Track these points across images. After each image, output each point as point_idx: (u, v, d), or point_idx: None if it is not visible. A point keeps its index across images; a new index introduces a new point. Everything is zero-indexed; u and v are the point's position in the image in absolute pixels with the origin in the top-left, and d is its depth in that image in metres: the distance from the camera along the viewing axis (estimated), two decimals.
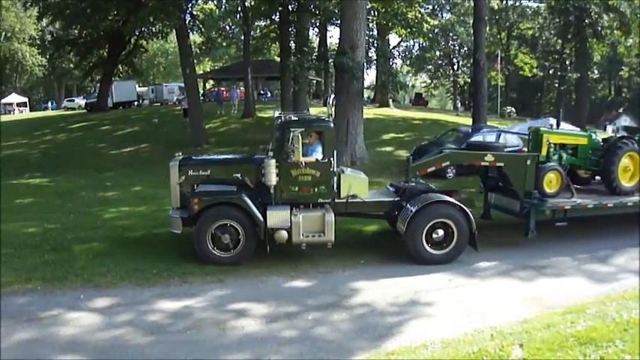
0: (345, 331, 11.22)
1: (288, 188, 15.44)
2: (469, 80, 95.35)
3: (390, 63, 66.20)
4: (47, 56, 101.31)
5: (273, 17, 51.98)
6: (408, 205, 15.82)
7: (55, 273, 14.70)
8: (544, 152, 17.89)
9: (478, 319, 11.49)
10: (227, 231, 15.21)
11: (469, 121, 44.36)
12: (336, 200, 15.91)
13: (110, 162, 41.68)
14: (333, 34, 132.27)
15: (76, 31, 68.02)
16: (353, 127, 31.76)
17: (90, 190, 17.84)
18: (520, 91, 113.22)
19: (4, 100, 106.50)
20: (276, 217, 15.13)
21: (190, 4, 49.22)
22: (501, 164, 17.08)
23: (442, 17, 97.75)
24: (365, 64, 34.99)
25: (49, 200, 25.08)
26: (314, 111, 55.40)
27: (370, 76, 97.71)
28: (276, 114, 16.96)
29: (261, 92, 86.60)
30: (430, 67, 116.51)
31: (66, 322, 11.87)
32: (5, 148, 49.16)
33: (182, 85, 67.76)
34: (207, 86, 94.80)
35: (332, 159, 15.57)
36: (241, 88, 70.16)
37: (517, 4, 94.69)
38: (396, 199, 16.52)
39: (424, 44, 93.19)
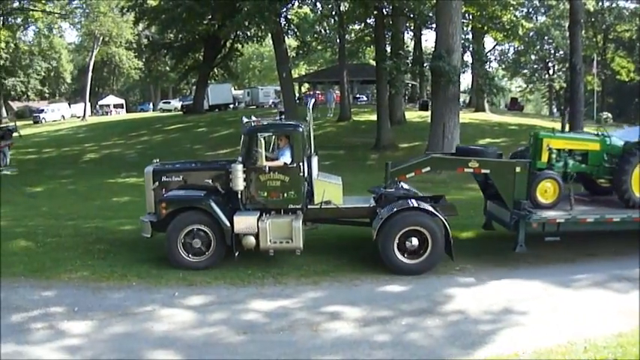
0: (437, 338, 11.11)
1: (257, 193, 15.43)
2: (565, 85, 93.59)
3: (487, 67, 65.76)
4: (143, 59, 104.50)
5: (368, 21, 51.93)
6: (379, 212, 15.38)
7: (151, 270, 15.16)
8: (544, 158, 16.70)
9: (572, 331, 11.22)
10: (197, 236, 15.18)
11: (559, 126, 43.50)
12: (309, 206, 15.83)
13: None
14: (428, 38, 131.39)
15: (171, 35, 69.51)
16: (449, 131, 31.54)
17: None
18: (617, 96, 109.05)
19: (101, 102, 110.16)
20: (243, 222, 15.03)
21: (285, 9, 49.57)
22: (487, 171, 16.24)
23: (537, 20, 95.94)
24: (461, 67, 34.63)
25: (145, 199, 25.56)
26: (409, 115, 55.81)
27: (466, 80, 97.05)
28: (244, 120, 16.76)
29: (357, 96, 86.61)
30: (525, 71, 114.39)
31: (160, 318, 12.23)
32: (103, 148, 51.04)
33: (278, 88, 68.28)
34: (303, 89, 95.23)
35: (301, 164, 15.39)
36: (337, 92, 70.38)
37: (614, 5, 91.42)
38: (372, 204, 16.22)
39: (519, 48, 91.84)
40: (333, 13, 47.65)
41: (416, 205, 15.21)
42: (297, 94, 66.42)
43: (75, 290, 14.02)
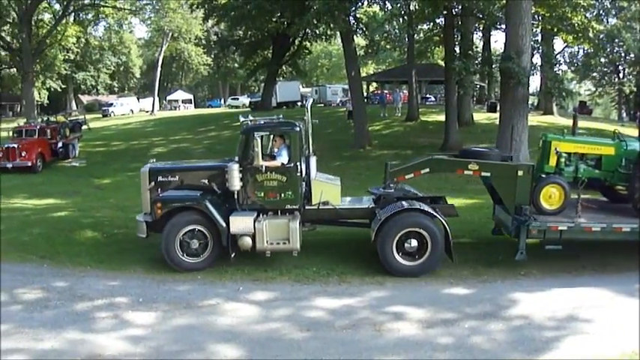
0: (500, 342, 11.09)
1: (254, 194, 15.46)
2: (635, 89, 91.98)
3: (557, 69, 64.90)
4: (212, 56, 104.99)
5: (437, 20, 51.63)
6: (378, 213, 15.27)
7: (216, 265, 15.46)
8: (552, 162, 16.17)
9: (637, 341, 10.98)
10: (194, 237, 15.22)
11: (635, 132, 42.86)
12: (307, 207, 15.80)
13: None
14: (498, 39, 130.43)
15: (240, 32, 69.80)
16: (517, 134, 31.11)
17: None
18: None
19: (170, 97, 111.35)
20: (239, 223, 15.03)
21: (354, 7, 49.54)
22: (487, 174, 15.94)
23: (607, 22, 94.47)
24: (530, 69, 34.20)
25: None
26: (477, 117, 55.40)
27: (534, 82, 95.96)
28: (242, 119, 16.56)
29: (425, 96, 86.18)
30: (595, 74, 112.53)
31: (224, 312, 12.54)
32: (171, 142, 51.71)
33: (345, 86, 68.19)
34: (371, 88, 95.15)
35: (299, 164, 15.37)
36: (404, 92, 70.14)
37: None
38: (370, 205, 16.12)
39: (589, 50, 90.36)
40: (402, 12, 47.56)
41: (415, 206, 15.16)
42: (365, 93, 66.35)
43: (140, 282, 14.58)
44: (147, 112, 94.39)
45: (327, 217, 16.19)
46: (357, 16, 55.55)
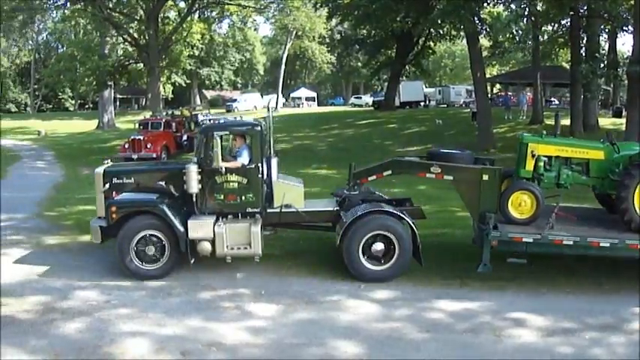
0: (621, 355, 10.76)
1: (213, 196, 14.65)
2: None
3: None
4: (335, 54, 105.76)
5: (563, 22, 50.93)
6: (343, 216, 14.63)
7: (335, 263, 15.12)
8: (529, 166, 14.62)
9: None
10: (150, 242, 14.35)
11: None
12: (269, 210, 15.08)
13: None
14: (625, 41, 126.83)
15: (364, 31, 70.07)
16: None
17: (373, 185, 18.31)
18: None
19: (293, 94, 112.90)
20: (198, 227, 14.26)
21: (477, 7, 49.25)
22: (449, 177, 14.90)
23: None
24: None
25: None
26: (602, 121, 54.23)
27: None
28: (201, 118, 15.96)
29: (549, 99, 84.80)
30: None
31: (345, 309, 12.62)
32: (294, 139, 52.78)
33: (469, 87, 67.80)
34: (494, 90, 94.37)
35: (260, 165, 14.65)
36: (529, 94, 69.37)
37: None
38: (335, 208, 15.37)
39: None
40: (527, 13, 47.00)
41: (382, 208, 14.65)
42: (489, 94, 65.87)
43: (262, 274, 14.73)
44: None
45: (289, 220, 15.50)
46: (482, 16, 55.33)
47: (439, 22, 45.93)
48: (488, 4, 50.16)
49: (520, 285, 14.14)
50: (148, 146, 39.35)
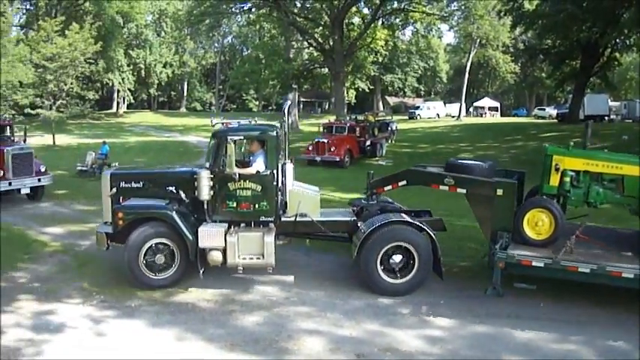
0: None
1: (226, 204, 14.04)
2: None
3: None
4: (519, 64, 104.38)
5: None
6: (361, 226, 14.04)
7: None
8: (553, 182, 13.55)
9: None
10: (159, 251, 13.89)
11: None
12: (283, 219, 14.42)
13: None
14: None
15: (549, 41, 69.14)
16: None
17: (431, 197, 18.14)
18: None
19: (476, 103, 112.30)
20: (209, 235, 13.62)
21: None
22: (463, 191, 14.05)
23: None
24: None
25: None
26: None
27: None
28: (214, 121, 14.85)
29: None
30: None
31: (521, 326, 12.15)
32: (477, 149, 52.81)
33: None
34: None
35: (275, 171, 14.02)
36: None
37: None
38: (352, 218, 14.76)
39: None
40: None
41: (402, 218, 13.99)
42: None
43: (439, 287, 14.04)
44: (453, 117, 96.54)
45: (304, 230, 14.86)
46: None
47: (626, 31, 44.85)
48: None
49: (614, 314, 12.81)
50: (332, 149, 40.23)
